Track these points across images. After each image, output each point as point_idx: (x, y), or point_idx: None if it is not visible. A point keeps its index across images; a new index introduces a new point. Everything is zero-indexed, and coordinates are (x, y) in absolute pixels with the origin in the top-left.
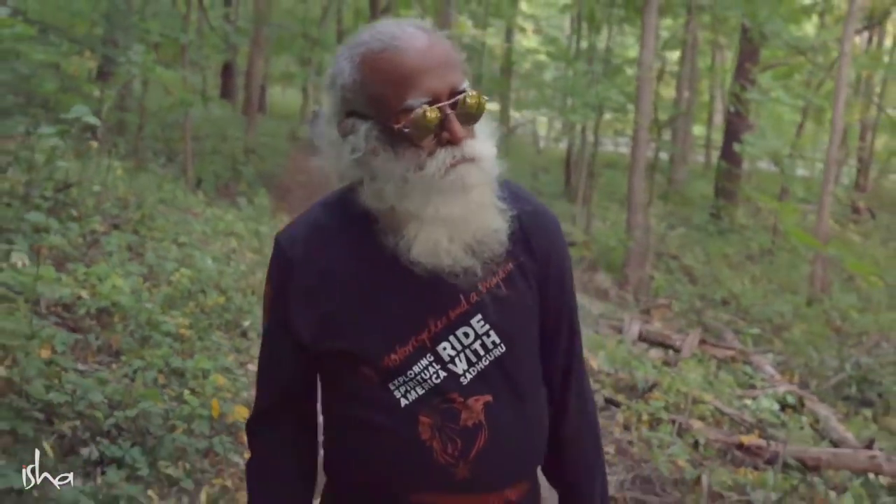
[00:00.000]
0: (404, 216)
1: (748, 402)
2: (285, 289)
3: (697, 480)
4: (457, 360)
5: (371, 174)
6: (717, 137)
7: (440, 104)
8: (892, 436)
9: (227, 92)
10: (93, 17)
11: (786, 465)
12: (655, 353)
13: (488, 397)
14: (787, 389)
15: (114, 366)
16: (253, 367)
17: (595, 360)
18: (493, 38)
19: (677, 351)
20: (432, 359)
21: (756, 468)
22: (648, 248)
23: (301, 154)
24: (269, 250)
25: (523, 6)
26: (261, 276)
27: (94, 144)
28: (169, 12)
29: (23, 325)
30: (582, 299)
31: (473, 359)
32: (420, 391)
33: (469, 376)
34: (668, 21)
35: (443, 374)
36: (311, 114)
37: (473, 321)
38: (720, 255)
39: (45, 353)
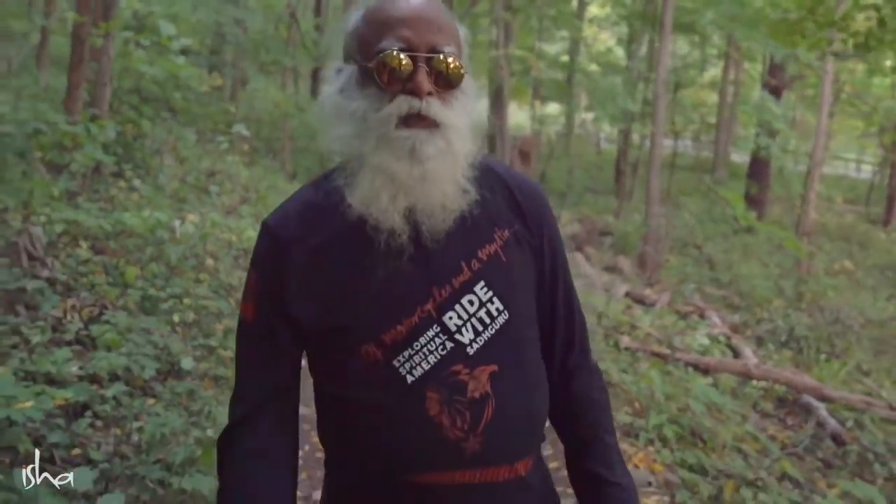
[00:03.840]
0: (358, 162)
1: (687, 337)
2: (279, 272)
3: None
4: (463, 329)
5: (338, 114)
6: None
7: (412, 53)
8: (790, 363)
9: (316, 93)
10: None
11: (705, 373)
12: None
13: (494, 367)
14: (720, 332)
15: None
16: None
17: None
18: (557, 46)
19: (651, 306)
20: (438, 329)
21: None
22: (666, 235)
23: None
24: None
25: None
26: None
27: (246, 147)
28: (273, 36)
29: (216, 248)
30: (594, 273)
31: (479, 327)
32: (426, 365)
33: (475, 346)
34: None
35: (449, 344)
36: None
37: (477, 288)
38: (741, 246)
39: (223, 266)
